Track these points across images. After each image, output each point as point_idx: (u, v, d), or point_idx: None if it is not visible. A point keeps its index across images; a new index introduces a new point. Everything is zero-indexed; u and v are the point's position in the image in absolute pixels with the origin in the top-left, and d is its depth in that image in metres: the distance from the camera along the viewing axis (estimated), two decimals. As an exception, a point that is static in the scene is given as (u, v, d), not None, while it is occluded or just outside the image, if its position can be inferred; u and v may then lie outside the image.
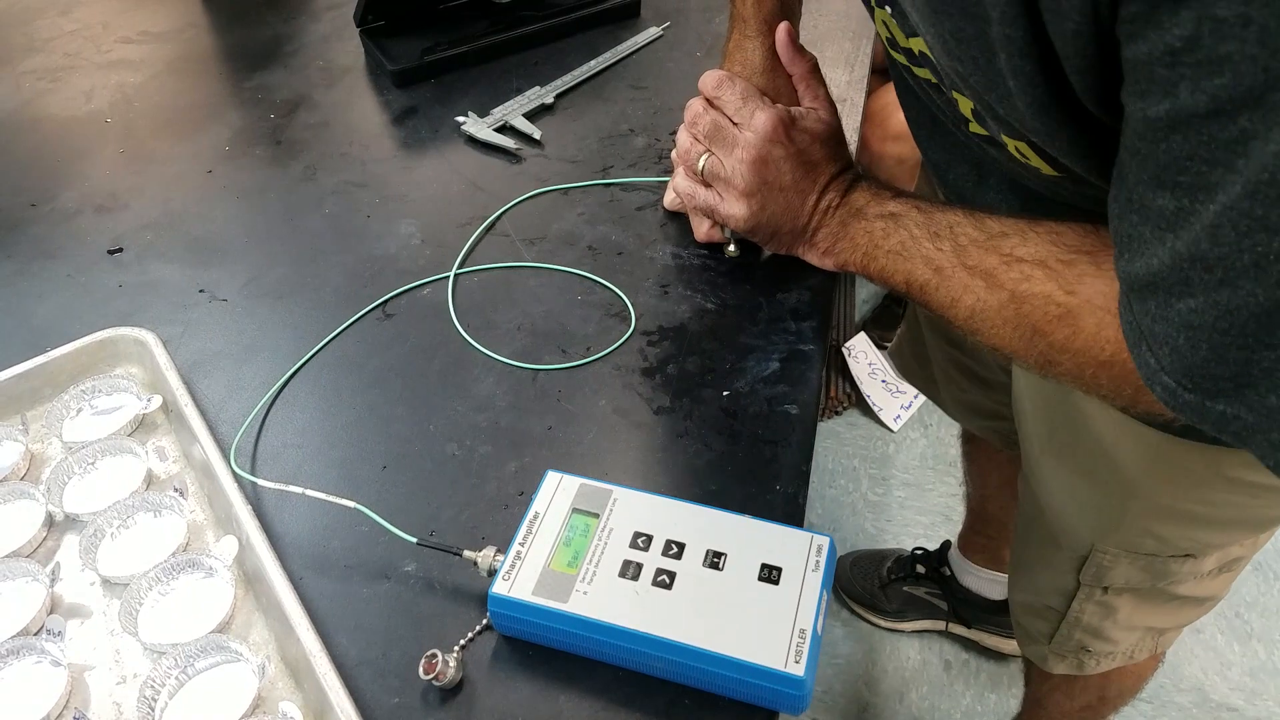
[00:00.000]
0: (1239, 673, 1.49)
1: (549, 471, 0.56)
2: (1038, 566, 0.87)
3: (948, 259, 0.58)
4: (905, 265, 0.61)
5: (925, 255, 0.59)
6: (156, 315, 0.72)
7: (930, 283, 0.59)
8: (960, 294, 0.57)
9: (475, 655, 0.52)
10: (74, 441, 0.62)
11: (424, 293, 0.73)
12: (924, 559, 1.54)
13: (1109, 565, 0.78)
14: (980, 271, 0.56)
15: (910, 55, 0.56)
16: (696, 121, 0.71)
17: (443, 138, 0.90)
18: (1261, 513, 0.71)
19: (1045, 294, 0.53)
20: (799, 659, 0.47)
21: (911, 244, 0.60)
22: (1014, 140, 0.51)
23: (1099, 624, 0.85)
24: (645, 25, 1.04)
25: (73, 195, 0.84)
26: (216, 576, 0.55)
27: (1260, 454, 0.42)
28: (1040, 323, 0.53)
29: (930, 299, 0.60)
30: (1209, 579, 0.80)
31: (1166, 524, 0.73)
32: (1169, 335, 0.42)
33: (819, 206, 0.67)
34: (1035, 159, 0.52)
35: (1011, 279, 0.54)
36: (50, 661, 0.51)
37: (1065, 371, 0.53)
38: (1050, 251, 0.53)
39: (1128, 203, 0.42)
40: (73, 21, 1.09)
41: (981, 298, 0.56)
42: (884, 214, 0.63)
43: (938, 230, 0.59)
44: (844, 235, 0.66)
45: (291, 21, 1.08)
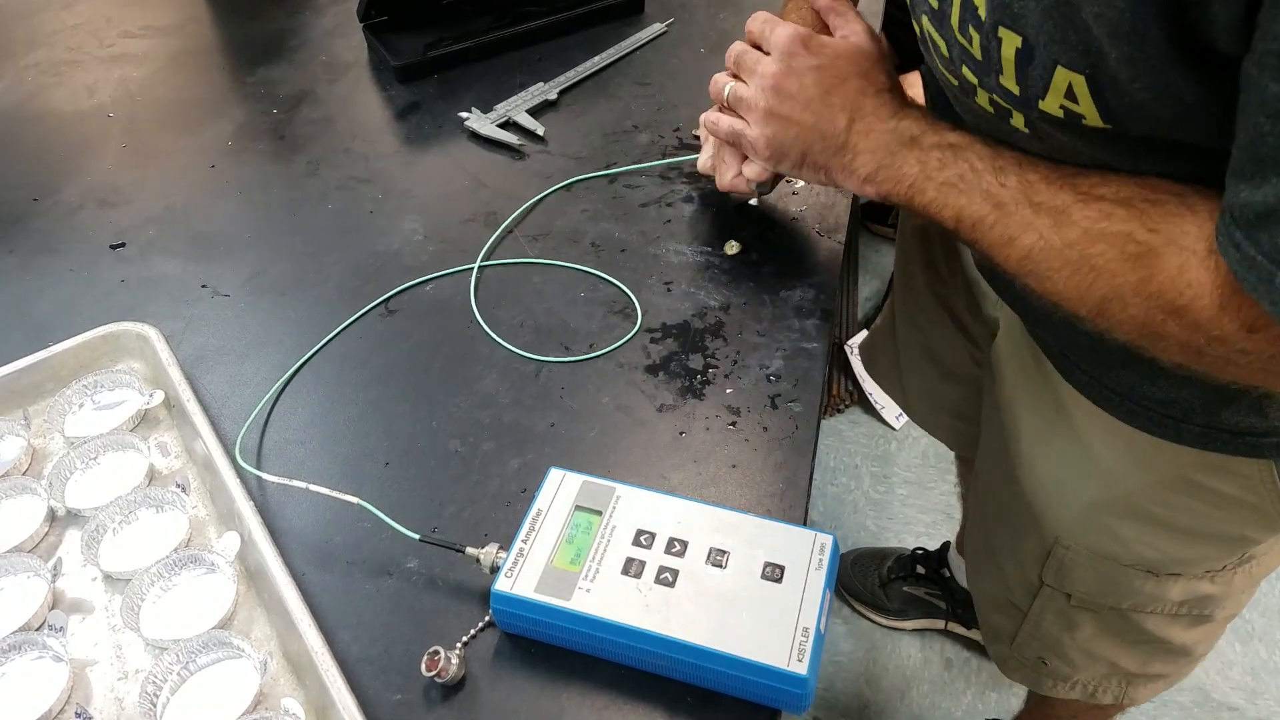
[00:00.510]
0: (1240, 672, 1.49)
1: (552, 469, 0.56)
2: (1004, 556, 0.85)
3: (1011, 195, 0.54)
4: (959, 199, 0.57)
5: (986, 190, 0.56)
6: (159, 310, 0.72)
7: (986, 219, 0.56)
8: (1020, 232, 0.54)
9: (477, 652, 0.52)
10: (76, 436, 0.62)
11: (428, 289, 0.73)
12: (924, 559, 1.53)
13: (1070, 565, 0.77)
14: (1049, 209, 0.53)
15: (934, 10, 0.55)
16: (729, 54, 0.69)
17: (446, 134, 0.89)
18: (1223, 527, 0.69)
19: (1125, 232, 0.50)
20: (801, 658, 0.47)
21: (972, 176, 0.56)
22: (1072, 74, 0.48)
23: (1059, 636, 0.83)
24: (649, 21, 1.04)
25: (75, 190, 0.84)
26: (218, 572, 0.55)
27: None
28: (1112, 263, 0.50)
29: (982, 236, 0.56)
30: (1180, 622, 0.77)
31: (1128, 522, 0.71)
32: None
33: (855, 127, 0.63)
34: (1087, 103, 0.48)
35: (1088, 216, 0.51)
36: (52, 657, 0.51)
37: (1129, 318, 0.50)
38: (1135, 191, 0.50)
39: (1273, 115, 0.39)
40: (75, 16, 1.09)
41: (1045, 236, 0.53)
42: (942, 144, 0.59)
43: (1003, 165, 0.56)
44: (890, 164, 0.61)
45: (295, 16, 1.08)
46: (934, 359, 1.03)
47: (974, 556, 0.94)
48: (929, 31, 0.58)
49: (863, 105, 0.63)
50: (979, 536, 0.91)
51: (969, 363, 0.98)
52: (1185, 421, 0.63)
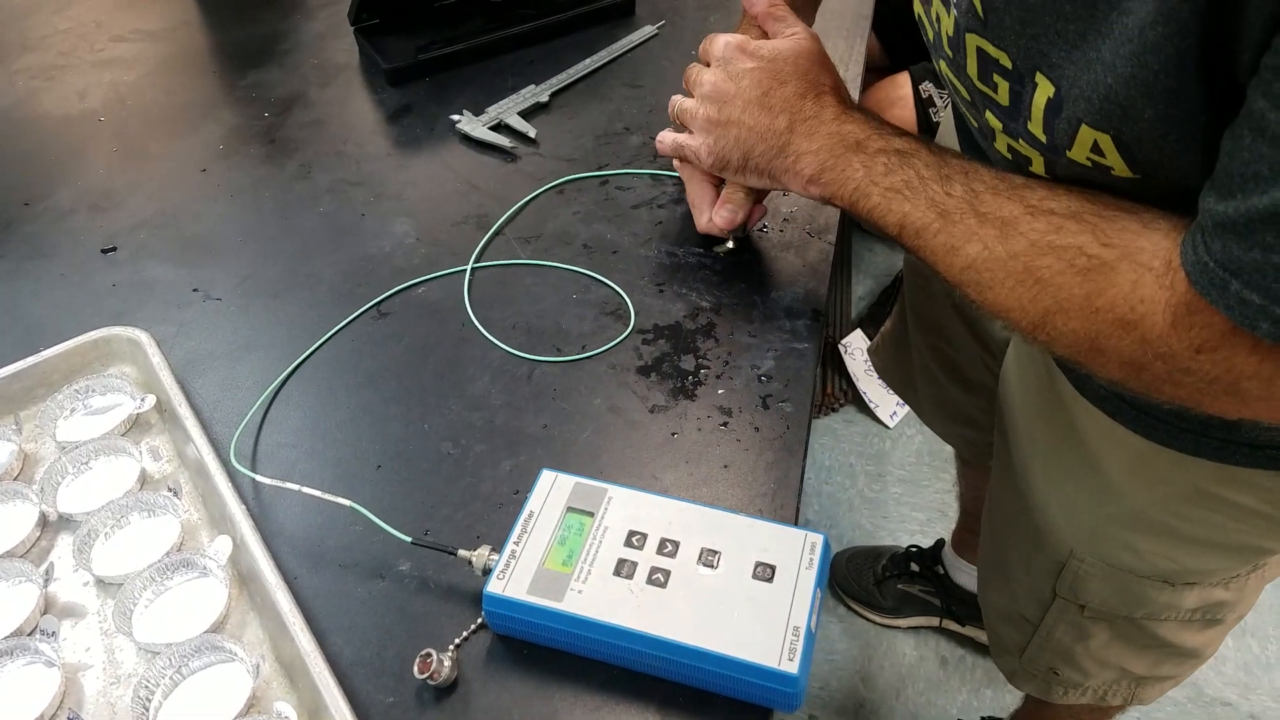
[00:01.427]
0: (1233, 668, 1.49)
1: (544, 470, 0.56)
2: (1016, 570, 0.85)
3: (957, 204, 0.54)
4: (904, 206, 0.57)
5: (931, 197, 0.55)
6: (150, 314, 0.72)
7: (930, 227, 0.55)
8: (963, 242, 0.54)
9: (470, 654, 0.52)
10: (68, 441, 0.62)
11: (419, 291, 0.73)
12: (918, 557, 1.54)
13: (1085, 577, 0.76)
14: (994, 220, 0.53)
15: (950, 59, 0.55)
16: (684, 76, 0.71)
17: (438, 136, 0.89)
18: (1240, 539, 0.69)
19: (1076, 245, 0.49)
20: (793, 656, 0.47)
21: (917, 183, 0.56)
22: (1096, 133, 0.48)
23: (1071, 646, 0.82)
24: (640, 24, 1.04)
25: (67, 194, 0.84)
26: (211, 576, 0.55)
27: None
28: (1058, 275, 0.50)
29: (925, 244, 0.56)
30: (1192, 627, 0.77)
31: (1143, 535, 0.71)
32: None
33: (797, 128, 0.63)
34: (1114, 157, 0.48)
35: (1036, 229, 0.51)
36: (44, 662, 0.51)
37: (1069, 331, 0.50)
38: (1087, 206, 0.50)
39: (1255, 131, 0.40)
40: (66, 20, 1.08)
41: (990, 246, 0.52)
42: (888, 149, 0.59)
43: (949, 174, 0.55)
44: (834, 166, 0.61)
45: (286, 19, 1.08)
46: (950, 366, 1.03)
47: (984, 569, 0.93)
48: (948, 75, 0.58)
49: (803, 107, 0.63)
50: (990, 549, 0.90)
51: (984, 371, 0.97)
52: (1204, 435, 0.62)
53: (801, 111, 0.63)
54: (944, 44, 0.55)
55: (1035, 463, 0.78)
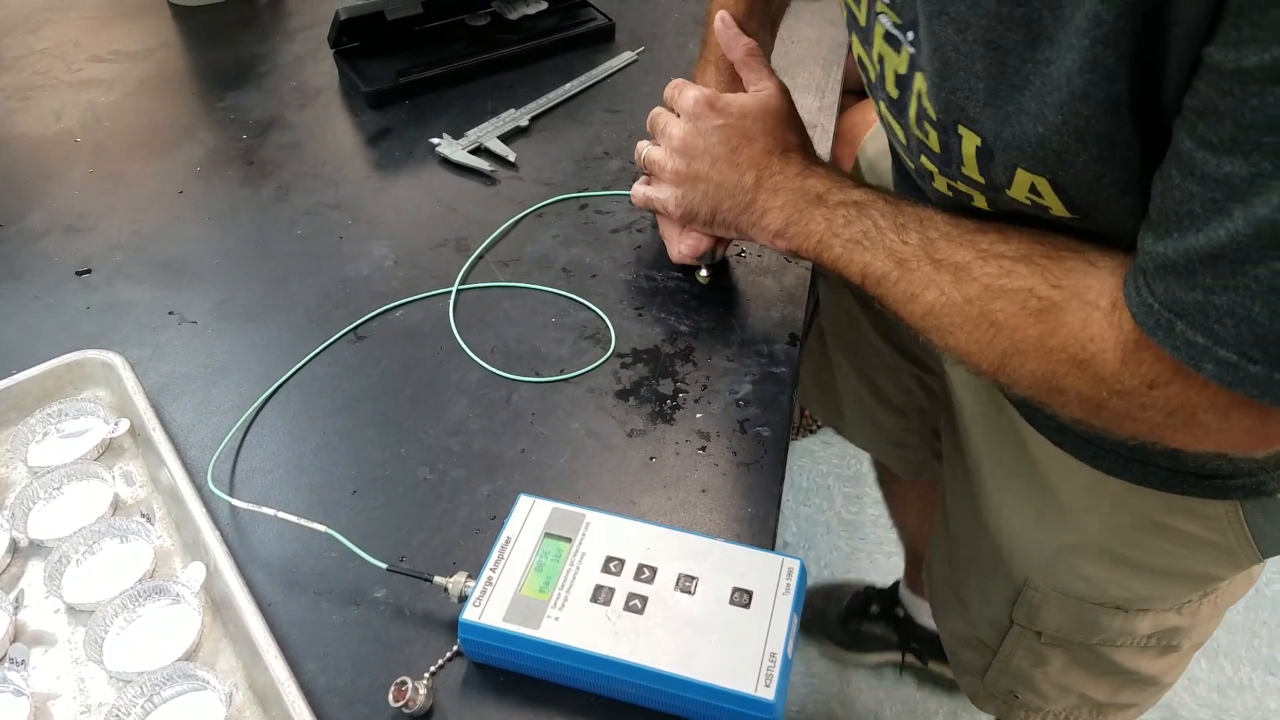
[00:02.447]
0: (1206, 689, 1.50)
1: (521, 495, 0.56)
2: (973, 597, 0.85)
3: (913, 251, 0.56)
4: (864, 256, 0.58)
5: (889, 247, 0.57)
6: (125, 337, 0.71)
7: (889, 275, 0.57)
8: (921, 289, 0.55)
9: (445, 682, 0.51)
10: (39, 466, 0.61)
11: (397, 315, 0.73)
12: (877, 597, 1.52)
13: (1040, 605, 0.76)
14: (949, 266, 0.54)
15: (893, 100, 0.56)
16: (649, 120, 0.72)
17: (417, 159, 0.90)
18: (1190, 565, 0.69)
19: (1026, 288, 0.51)
20: (769, 683, 0.47)
21: (875, 234, 0.58)
22: (1033, 177, 0.49)
23: (1029, 671, 0.83)
24: (620, 49, 1.05)
25: (41, 215, 0.83)
26: (183, 603, 0.54)
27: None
28: (1012, 318, 0.51)
29: (887, 292, 0.58)
30: (1148, 654, 0.78)
31: (1097, 564, 0.71)
32: (1236, 305, 0.40)
33: (763, 184, 0.64)
34: (1052, 198, 0.50)
35: (987, 273, 0.53)
36: (13, 691, 0.51)
37: (1029, 373, 0.51)
38: (1035, 248, 0.52)
39: (1183, 171, 0.40)
40: (43, 40, 1.08)
41: (946, 292, 0.54)
42: (847, 201, 0.60)
43: (905, 222, 0.57)
44: (798, 220, 0.62)
45: (265, 42, 1.08)
46: (876, 390, 1.03)
47: (940, 593, 0.93)
48: (886, 117, 0.59)
49: (770, 164, 0.65)
50: (945, 575, 0.91)
51: (918, 392, 0.97)
52: (1151, 465, 0.63)
53: (768, 168, 0.64)
54: (888, 84, 0.56)
55: (989, 491, 0.79)
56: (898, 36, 0.53)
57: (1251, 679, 1.52)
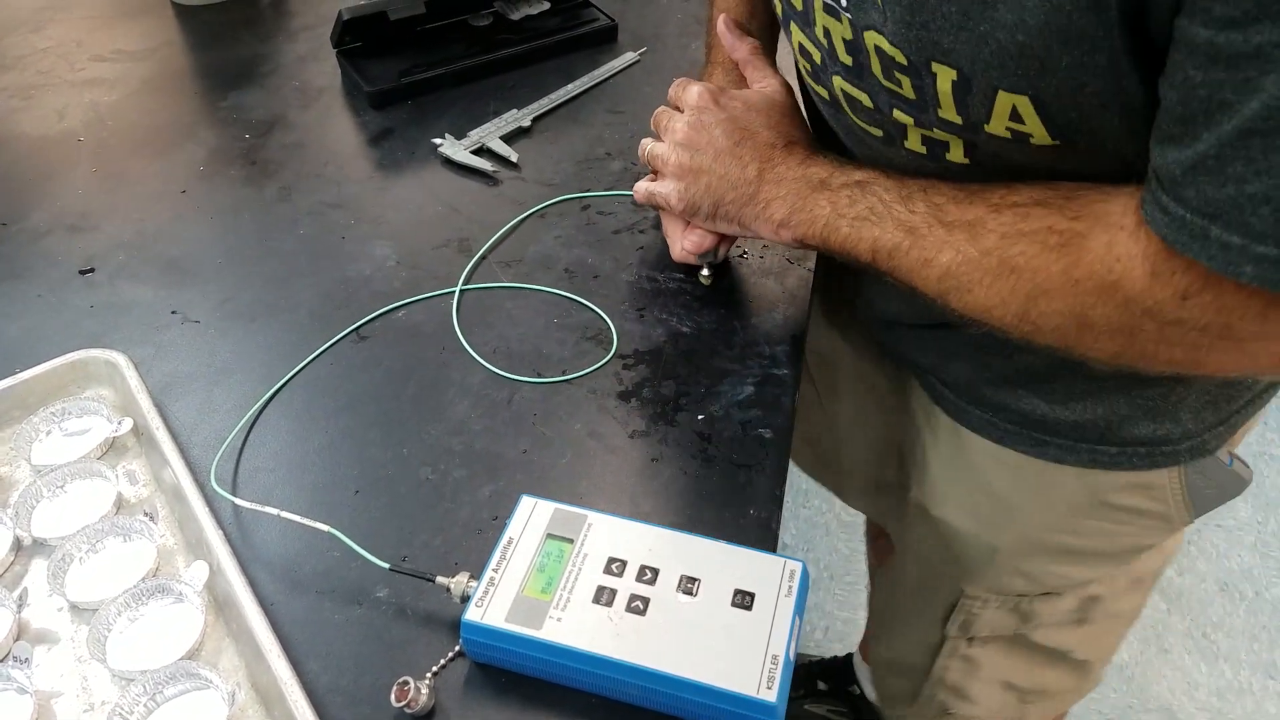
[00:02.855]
0: (1206, 693, 1.51)
1: (523, 496, 0.56)
2: (904, 622, 0.85)
3: (922, 219, 0.56)
4: (873, 231, 0.58)
5: (897, 218, 0.57)
6: (128, 337, 0.71)
7: (901, 245, 0.57)
8: (935, 252, 0.55)
9: (447, 682, 0.52)
10: (43, 464, 0.61)
11: (399, 315, 0.73)
12: (823, 673, 1.36)
13: (977, 612, 0.77)
14: (961, 225, 0.54)
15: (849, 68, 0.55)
16: (653, 118, 0.72)
17: (419, 160, 0.90)
18: (1126, 541, 0.70)
19: (1045, 226, 0.50)
20: (771, 685, 0.47)
21: (881, 208, 0.58)
22: (1014, 97, 0.48)
23: (961, 681, 0.83)
24: (622, 50, 1.05)
25: (44, 215, 0.83)
26: (186, 602, 0.54)
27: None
28: (1033, 259, 0.50)
29: (899, 263, 0.57)
30: (1067, 628, 0.78)
31: (1036, 559, 0.72)
32: (1274, 188, 0.39)
33: (766, 176, 0.64)
34: (1034, 122, 0.49)
35: (1003, 222, 0.52)
36: (16, 689, 0.51)
37: (1055, 311, 0.51)
38: (1047, 192, 0.51)
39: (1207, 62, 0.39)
40: (46, 39, 1.08)
41: (961, 250, 0.54)
42: (850, 182, 0.60)
43: (909, 193, 0.57)
44: (803, 207, 0.62)
45: (268, 41, 1.08)
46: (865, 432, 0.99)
47: (873, 626, 0.93)
48: (845, 90, 0.59)
49: (773, 155, 0.64)
50: (881, 606, 0.90)
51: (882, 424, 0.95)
52: (1100, 444, 0.64)
53: (771, 160, 0.64)
54: (840, 54, 0.56)
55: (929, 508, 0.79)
56: (834, 6, 0.54)
57: (1251, 682, 1.52)
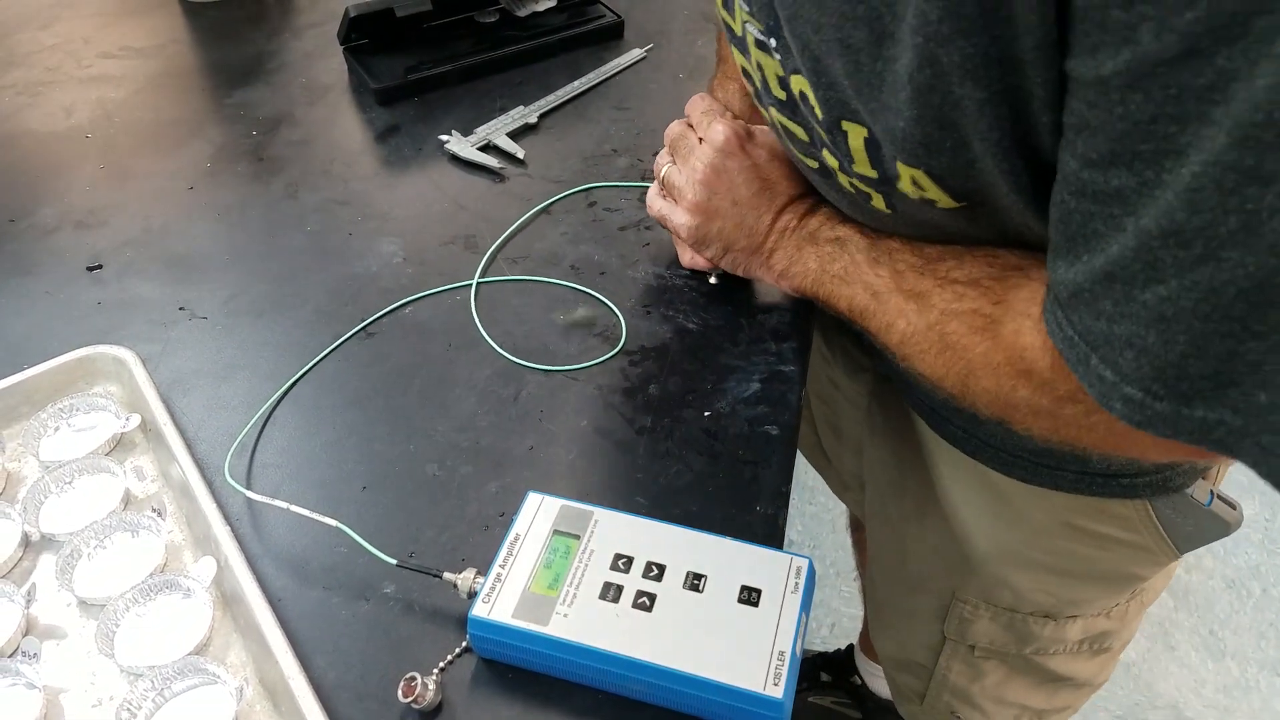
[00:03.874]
0: (1213, 690, 1.50)
1: (530, 493, 0.56)
2: (904, 617, 0.85)
3: (885, 284, 0.58)
4: (847, 290, 0.60)
5: (865, 281, 0.59)
6: (136, 333, 0.72)
7: (869, 308, 0.59)
8: (895, 318, 0.57)
9: (454, 678, 0.52)
10: (51, 460, 0.61)
11: (407, 311, 0.73)
12: (827, 665, 1.40)
13: (970, 619, 0.76)
14: (914, 295, 0.56)
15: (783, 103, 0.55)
16: (669, 134, 0.72)
17: (426, 156, 0.90)
18: (1111, 567, 0.69)
19: (974, 309, 0.52)
20: (778, 681, 0.47)
21: (854, 269, 0.60)
22: (911, 169, 0.48)
23: (967, 687, 0.82)
24: (629, 47, 1.05)
25: (52, 211, 0.84)
26: (194, 597, 0.55)
27: (1251, 461, 0.38)
28: (963, 339, 0.52)
29: (869, 324, 0.59)
30: (1081, 657, 0.78)
31: (1018, 572, 0.71)
32: (1134, 335, 0.38)
33: (775, 226, 0.65)
34: (934, 190, 0.49)
35: (944, 298, 0.54)
36: (25, 684, 0.51)
37: (984, 390, 0.52)
38: (984, 271, 0.53)
39: (1076, 193, 0.39)
40: (53, 36, 1.08)
41: (912, 321, 0.56)
42: (832, 238, 0.62)
43: (878, 256, 0.58)
44: (798, 259, 0.64)
45: (274, 38, 1.08)
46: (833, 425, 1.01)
47: (874, 618, 0.92)
48: (781, 122, 0.58)
49: (785, 208, 0.65)
50: (876, 598, 0.90)
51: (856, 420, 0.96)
52: (1059, 469, 0.64)
53: (782, 212, 0.65)
54: (773, 88, 0.56)
55: (906, 509, 0.79)
56: (765, 43, 0.53)
57: (1258, 680, 1.51)
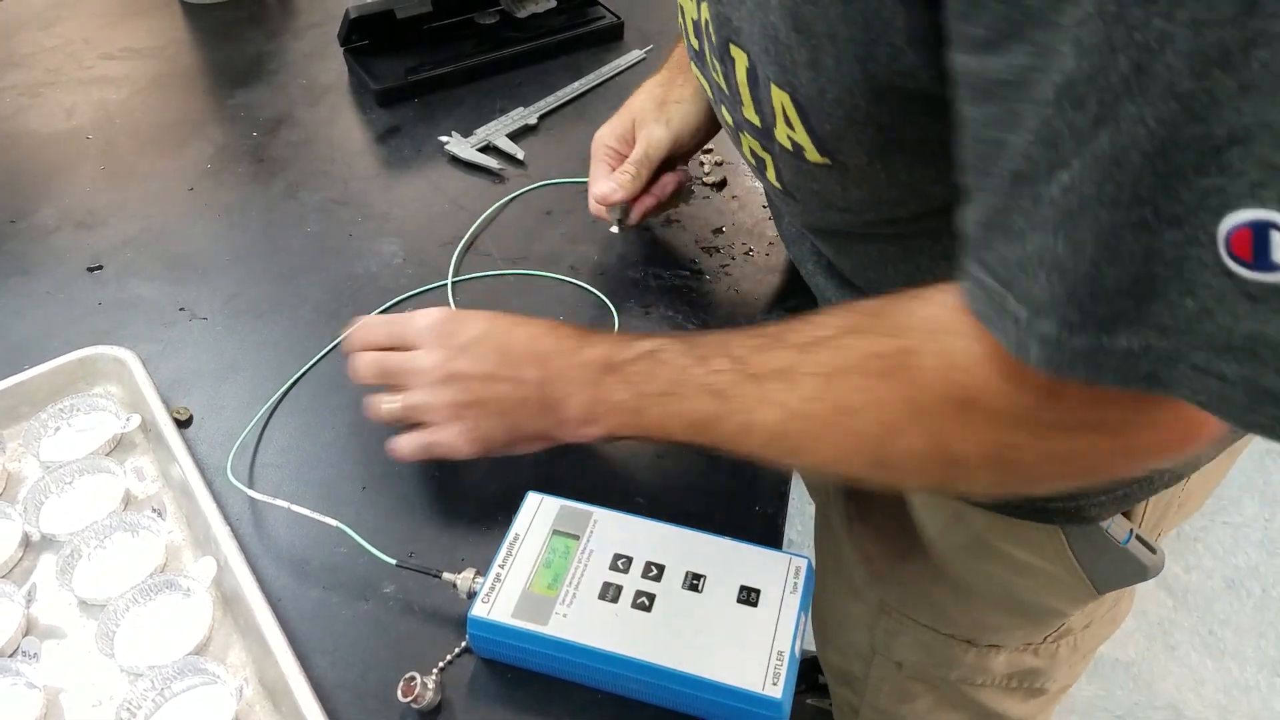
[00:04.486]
0: (1213, 690, 1.50)
1: (529, 493, 0.56)
2: (840, 624, 0.83)
3: (729, 379, 0.48)
4: (681, 405, 0.50)
5: (700, 384, 0.49)
6: (136, 333, 0.72)
7: (715, 413, 0.49)
8: (753, 412, 0.47)
9: (454, 678, 0.52)
10: (51, 461, 0.61)
11: (404, 311, 0.73)
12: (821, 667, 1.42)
13: (895, 631, 0.75)
14: (773, 375, 0.47)
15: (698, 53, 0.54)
16: (363, 373, 0.60)
17: (426, 157, 0.90)
18: (1030, 596, 0.66)
19: (865, 353, 0.44)
20: (776, 681, 0.47)
21: (680, 376, 0.50)
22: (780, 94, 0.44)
23: (897, 709, 0.81)
24: (628, 48, 1.05)
25: (52, 212, 0.84)
26: (194, 597, 0.55)
27: (1189, 391, 0.32)
28: (867, 394, 0.44)
29: (720, 432, 0.49)
30: (1014, 696, 0.76)
31: (940, 587, 0.69)
32: (1044, 247, 0.33)
33: (549, 374, 0.55)
34: (800, 131, 0.45)
35: (819, 362, 0.45)
36: (25, 684, 0.51)
37: (912, 450, 0.43)
38: (850, 317, 0.46)
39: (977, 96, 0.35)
40: (54, 37, 1.08)
41: (783, 403, 0.46)
42: (636, 355, 0.53)
43: (705, 353, 0.50)
44: (600, 396, 0.54)
45: (275, 39, 1.08)
46: None
47: (818, 626, 0.90)
48: (699, 75, 0.57)
49: (545, 349, 0.56)
50: (820, 602, 0.86)
51: None
52: None
53: (546, 355, 0.56)
54: (691, 37, 0.54)
55: (849, 512, 0.78)
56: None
57: (1258, 680, 1.51)
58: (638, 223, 0.75)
